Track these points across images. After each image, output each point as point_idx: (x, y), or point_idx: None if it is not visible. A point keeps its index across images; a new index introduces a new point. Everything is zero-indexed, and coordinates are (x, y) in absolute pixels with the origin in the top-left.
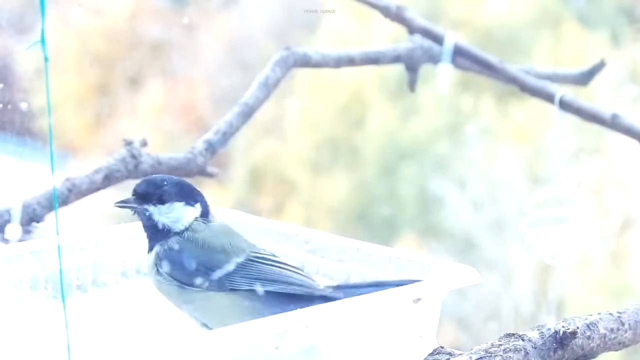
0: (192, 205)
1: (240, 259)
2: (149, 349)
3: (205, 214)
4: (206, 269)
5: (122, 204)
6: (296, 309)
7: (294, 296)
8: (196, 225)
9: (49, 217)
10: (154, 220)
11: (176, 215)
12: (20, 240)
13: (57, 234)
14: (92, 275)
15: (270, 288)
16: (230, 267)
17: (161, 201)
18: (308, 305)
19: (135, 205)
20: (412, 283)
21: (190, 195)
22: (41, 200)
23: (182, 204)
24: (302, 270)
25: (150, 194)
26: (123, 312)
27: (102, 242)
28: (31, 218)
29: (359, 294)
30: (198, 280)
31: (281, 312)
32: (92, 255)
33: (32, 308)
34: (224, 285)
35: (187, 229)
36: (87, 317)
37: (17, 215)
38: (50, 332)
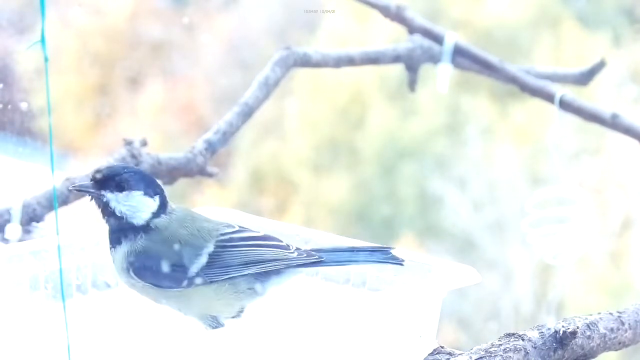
0: (151, 197)
1: (210, 249)
2: (149, 349)
3: (163, 206)
4: (181, 269)
5: (80, 187)
6: (276, 279)
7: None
8: (160, 222)
9: (49, 217)
10: (110, 208)
11: (134, 204)
12: (20, 240)
13: (57, 234)
14: (92, 276)
15: (247, 272)
16: (203, 259)
17: (119, 188)
18: (286, 275)
19: (92, 190)
20: (383, 250)
21: (149, 186)
22: (41, 200)
23: (140, 192)
24: (274, 239)
25: (108, 179)
26: (123, 313)
27: (102, 242)
28: (31, 218)
29: (333, 257)
30: (174, 282)
31: (261, 286)
32: (92, 255)
33: (32, 308)
34: (202, 279)
35: (148, 225)
36: (87, 317)
37: (17, 215)
38: (50, 332)
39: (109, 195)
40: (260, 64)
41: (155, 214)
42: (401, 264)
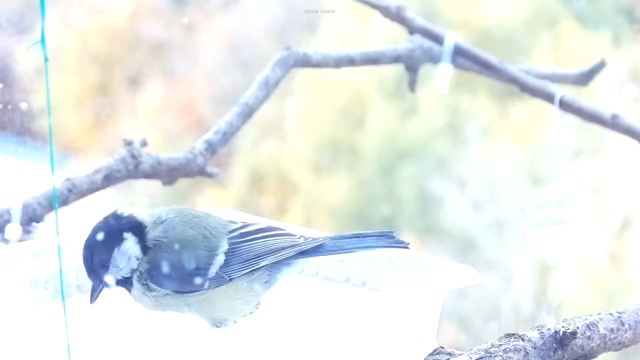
0: (124, 239)
1: (225, 247)
2: (149, 349)
3: (138, 228)
4: (200, 271)
5: (96, 295)
6: (287, 270)
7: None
8: (155, 236)
9: (49, 217)
10: (120, 280)
11: (123, 260)
12: (20, 240)
13: (57, 234)
14: None
15: (263, 263)
16: (220, 258)
17: (105, 266)
18: (298, 259)
19: (101, 286)
20: (387, 234)
21: (114, 233)
22: (41, 200)
23: (117, 249)
24: (279, 228)
25: (93, 269)
26: (123, 312)
27: None
28: (31, 218)
29: (339, 244)
30: (195, 285)
31: (273, 277)
32: None
33: (32, 308)
34: (223, 278)
35: (147, 246)
36: (87, 317)
37: (17, 215)
38: (50, 332)
39: (107, 279)
40: (260, 64)
41: (143, 238)
42: (407, 247)
